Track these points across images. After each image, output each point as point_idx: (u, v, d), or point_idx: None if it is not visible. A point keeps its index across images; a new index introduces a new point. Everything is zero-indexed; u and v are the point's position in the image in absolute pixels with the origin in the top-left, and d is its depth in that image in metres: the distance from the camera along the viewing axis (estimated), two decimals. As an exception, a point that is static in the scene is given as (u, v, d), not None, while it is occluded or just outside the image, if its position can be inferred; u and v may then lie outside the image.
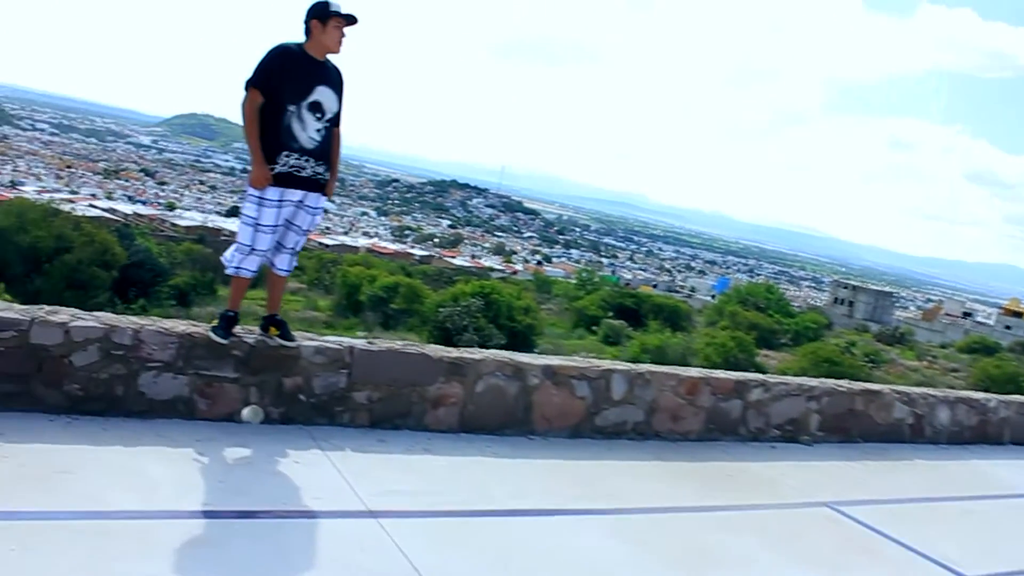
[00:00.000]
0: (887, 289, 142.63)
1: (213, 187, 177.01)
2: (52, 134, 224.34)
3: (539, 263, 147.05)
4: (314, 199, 4.99)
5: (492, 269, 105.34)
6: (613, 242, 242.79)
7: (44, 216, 26.90)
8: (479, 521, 4.56)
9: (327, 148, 4.99)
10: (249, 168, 4.84)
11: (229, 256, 4.97)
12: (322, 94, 4.88)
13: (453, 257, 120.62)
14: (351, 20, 4.87)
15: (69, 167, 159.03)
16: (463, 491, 4.82)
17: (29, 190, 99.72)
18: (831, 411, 7.58)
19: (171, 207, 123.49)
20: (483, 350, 6.03)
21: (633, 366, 6.61)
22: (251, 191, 4.82)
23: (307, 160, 4.86)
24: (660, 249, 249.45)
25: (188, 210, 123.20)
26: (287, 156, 4.80)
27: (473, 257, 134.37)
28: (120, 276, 28.10)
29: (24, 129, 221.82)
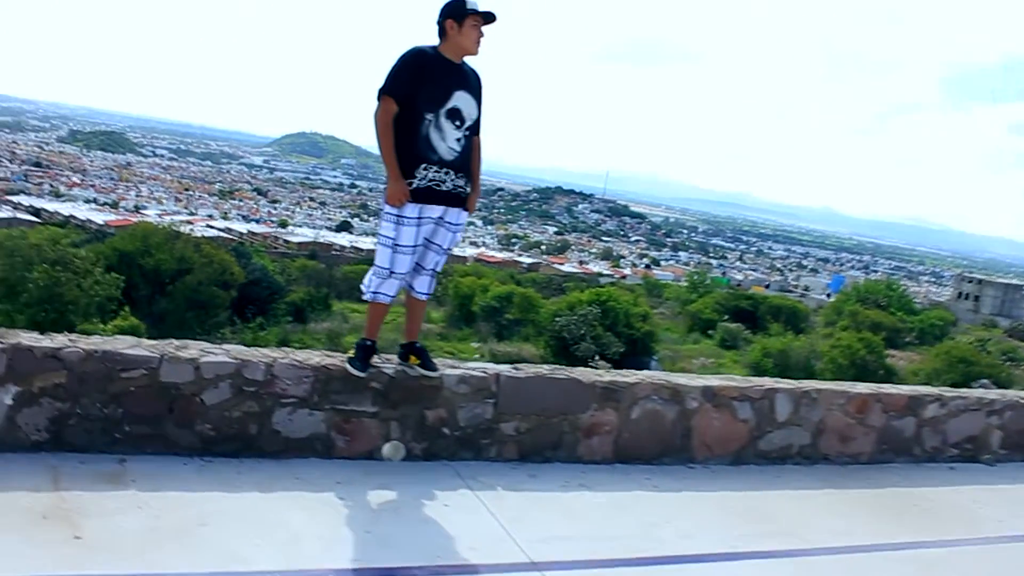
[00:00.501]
0: (1015, 282, 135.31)
1: (323, 203, 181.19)
2: (171, 159, 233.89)
3: (647, 267, 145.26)
4: (455, 215, 4.57)
5: (600, 274, 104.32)
6: (721, 243, 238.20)
7: (166, 239, 27.54)
8: (650, 570, 4.04)
9: (467, 159, 4.55)
10: (384, 184, 4.45)
11: (367, 281, 4.58)
12: (461, 100, 4.44)
13: (561, 264, 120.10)
14: (489, 18, 4.43)
15: (187, 190, 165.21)
16: (628, 533, 4.31)
17: (151, 213, 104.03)
18: (1015, 427, 6.78)
19: (283, 224, 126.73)
20: (636, 372, 5.51)
21: (797, 384, 5.99)
22: (388, 209, 4.40)
23: (447, 173, 4.43)
24: (770, 248, 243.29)
25: (299, 226, 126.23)
26: (425, 169, 4.38)
27: (581, 263, 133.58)
28: (238, 295, 28.55)
29: (145, 156, 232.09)
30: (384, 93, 4.34)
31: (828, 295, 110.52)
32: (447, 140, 4.41)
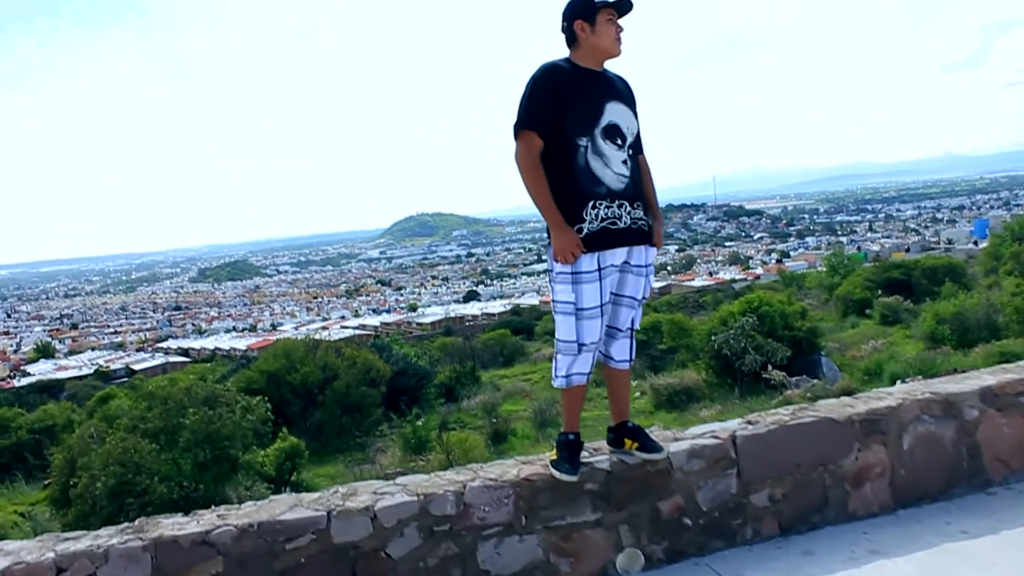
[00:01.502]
0: None
1: (445, 279, 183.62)
2: (295, 273, 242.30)
3: (778, 261, 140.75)
4: (642, 254, 3.63)
5: (733, 280, 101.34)
6: (846, 218, 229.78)
7: (307, 351, 27.67)
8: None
9: (639, 183, 3.64)
10: (547, 238, 3.54)
11: (554, 365, 3.68)
12: (616, 112, 3.54)
13: (691, 280, 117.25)
14: (624, 7, 3.53)
15: (315, 298, 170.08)
16: (969, 610, 3.24)
17: (288, 328, 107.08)
18: None
19: (413, 308, 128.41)
20: (890, 390, 4.44)
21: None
22: (558, 268, 3.50)
23: (621, 205, 3.52)
24: (898, 211, 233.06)
25: (428, 307, 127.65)
26: (595, 207, 3.47)
27: (711, 274, 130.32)
28: (388, 389, 28.35)
29: (270, 275, 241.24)
30: (522, 128, 3.46)
31: (975, 243, 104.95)
32: (612, 165, 3.51)
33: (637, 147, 3.67)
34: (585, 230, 3.47)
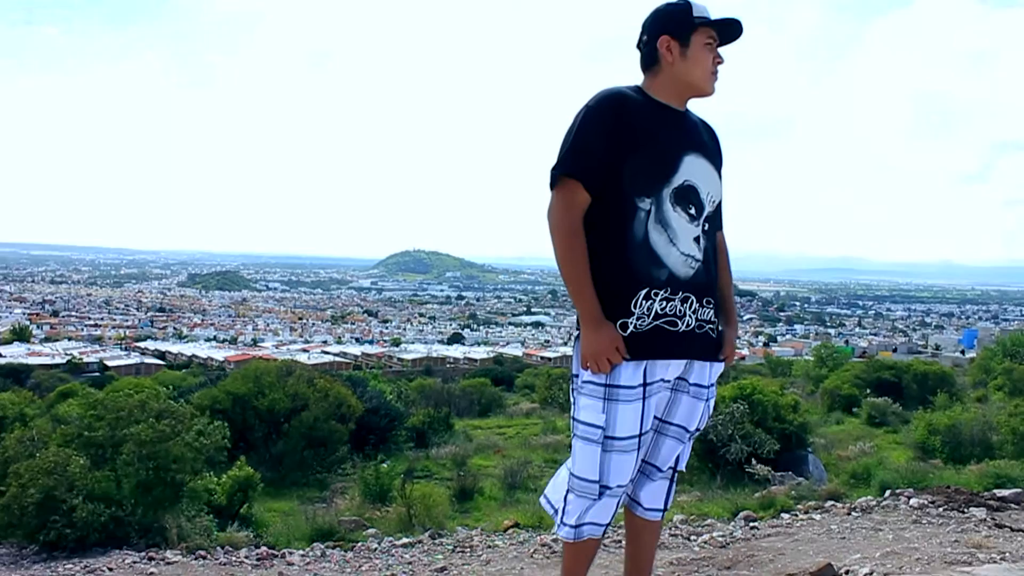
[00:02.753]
0: None
1: (432, 318, 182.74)
2: (284, 291, 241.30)
3: (765, 345, 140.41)
4: (703, 371, 2.60)
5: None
6: (837, 310, 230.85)
7: (278, 378, 26.69)
8: None
9: (713, 271, 2.60)
10: (575, 324, 2.53)
11: (556, 500, 2.62)
12: (695, 169, 2.51)
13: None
14: (732, 31, 2.53)
15: (301, 318, 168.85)
16: None
17: (268, 345, 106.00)
18: None
19: (396, 342, 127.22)
20: (980, 571, 3.55)
21: None
22: (586, 376, 2.47)
23: (685, 300, 2.49)
24: (888, 310, 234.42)
25: (412, 343, 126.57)
26: (648, 297, 2.45)
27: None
28: (357, 426, 27.42)
29: (259, 290, 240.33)
30: (563, 175, 2.43)
31: (962, 352, 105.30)
32: (679, 242, 2.47)
33: (716, 222, 2.65)
34: (631, 327, 2.46)
